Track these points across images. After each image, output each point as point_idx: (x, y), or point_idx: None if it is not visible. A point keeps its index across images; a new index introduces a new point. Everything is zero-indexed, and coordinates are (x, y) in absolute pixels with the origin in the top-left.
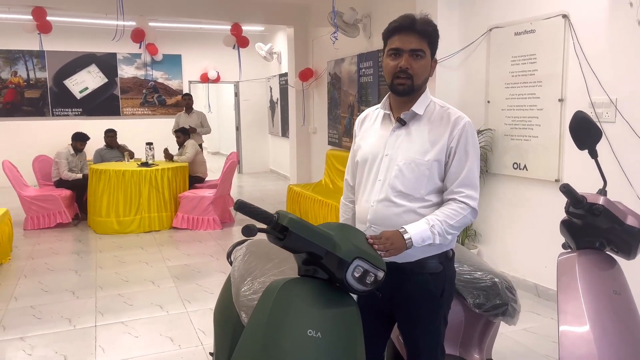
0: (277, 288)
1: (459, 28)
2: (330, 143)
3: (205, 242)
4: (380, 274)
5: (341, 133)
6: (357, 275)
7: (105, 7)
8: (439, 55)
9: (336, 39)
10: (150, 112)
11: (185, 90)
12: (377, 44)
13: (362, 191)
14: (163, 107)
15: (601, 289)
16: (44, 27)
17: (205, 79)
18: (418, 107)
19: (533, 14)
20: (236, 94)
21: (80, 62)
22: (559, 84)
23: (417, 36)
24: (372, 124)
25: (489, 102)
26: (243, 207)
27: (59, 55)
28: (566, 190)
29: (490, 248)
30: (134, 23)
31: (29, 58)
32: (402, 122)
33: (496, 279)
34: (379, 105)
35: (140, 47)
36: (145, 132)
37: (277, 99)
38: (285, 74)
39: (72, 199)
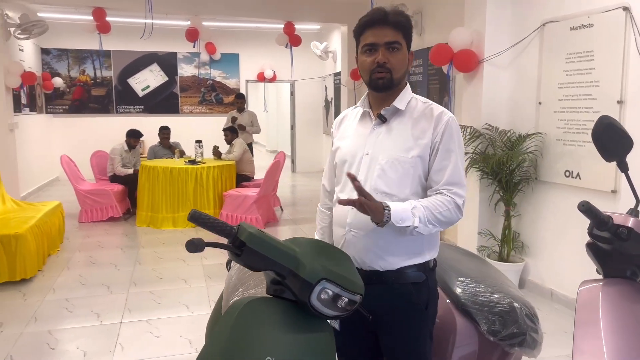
0: (240, 307)
1: (510, 23)
2: None
3: None
4: (357, 298)
5: None
6: (324, 297)
7: (165, 7)
8: (487, 52)
9: None
10: (207, 110)
11: (242, 89)
12: (428, 41)
13: (339, 193)
14: (220, 106)
15: (627, 326)
16: (103, 27)
17: (262, 78)
18: (399, 102)
19: (591, 7)
20: (292, 93)
21: (143, 61)
22: (617, 84)
23: (391, 28)
24: (350, 124)
25: (540, 103)
26: (197, 218)
27: (123, 54)
28: (585, 209)
29: (538, 262)
30: (188, 22)
31: (96, 57)
32: (382, 119)
33: (516, 304)
34: (357, 105)
35: (194, 46)
36: (202, 130)
37: (332, 98)
38: (340, 73)
39: (125, 194)
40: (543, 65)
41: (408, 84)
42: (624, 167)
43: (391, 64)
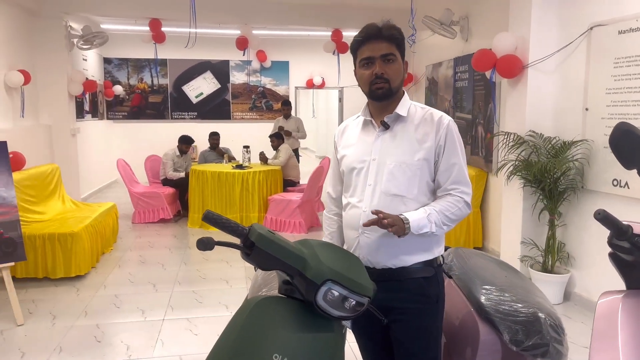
0: (252, 304)
1: (556, 27)
2: None
3: None
4: (364, 300)
5: None
6: (330, 298)
7: (218, 17)
8: (531, 57)
9: (413, 42)
10: (258, 117)
11: (291, 96)
12: (475, 46)
13: (350, 198)
14: (270, 112)
15: None
16: (158, 37)
17: (310, 84)
18: (401, 109)
19: None
20: (340, 100)
21: (197, 69)
22: None
23: (385, 42)
24: (353, 133)
25: (587, 109)
26: (211, 218)
27: (179, 62)
28: (602, 217)
29: (584, 273)
30: (239, 32)
31: (153, 66)
32: (385, 126)
33: (540, 314)
34: (358, 114)
35: (244, 54)
36: (252, 135)
37: None
38: None
39: (175, 196)
40: (590, 71)
41: (406, 92)
42: None
43: (388, 74)
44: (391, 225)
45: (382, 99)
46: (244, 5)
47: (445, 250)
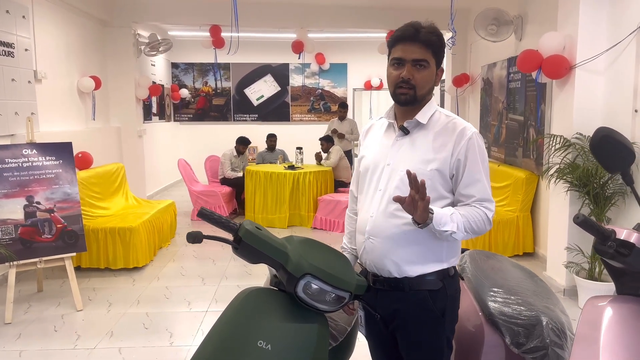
0: (244, 294)
1: (606, 25)
2: None
3: (336, 244)
4: (345, 295)
5: (490, 142)
6: (310, 291)
7: (275, 22)
8: (579, 57)
9: (453, 44)
10: (316, 118)
11: (349, 98)
12: (528, 46)
13: (362, 201)
14: (328, 114)
15: (629, 346)
16: (218, 43)
17: (368, 86)
18: (421, 116)
19: None
20: None
21: (258, 72)
22: None
23: (420, 46)
24: (376, 134)
25: (636, 111)
26: (205, 215)
27: (241, 66)
28: (580, 221)
29: None
30: (294, 35)
31: (217, 70)
32: (405, 131)
33: (542, 317)
34: (383, 116)
35: (299, 58)
36: (310, 137)
37: (438, 105)
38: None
39: (232, 195)
40: None
41: (433, 98)
42: (628, 180)
43: (416, 80)
44: (418, 206)
45: (404, 104)
46: (301, 9)
47: (462, 252)
